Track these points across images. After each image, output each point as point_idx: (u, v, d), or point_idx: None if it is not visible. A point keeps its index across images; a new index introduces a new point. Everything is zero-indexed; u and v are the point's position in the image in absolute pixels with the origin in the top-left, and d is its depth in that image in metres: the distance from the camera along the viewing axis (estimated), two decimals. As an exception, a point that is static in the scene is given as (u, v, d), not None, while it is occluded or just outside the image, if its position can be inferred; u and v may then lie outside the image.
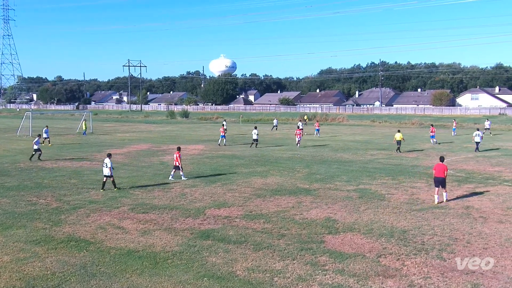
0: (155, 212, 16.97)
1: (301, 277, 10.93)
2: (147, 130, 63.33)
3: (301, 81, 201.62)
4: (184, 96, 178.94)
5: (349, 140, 46.56)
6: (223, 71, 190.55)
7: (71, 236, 14.13)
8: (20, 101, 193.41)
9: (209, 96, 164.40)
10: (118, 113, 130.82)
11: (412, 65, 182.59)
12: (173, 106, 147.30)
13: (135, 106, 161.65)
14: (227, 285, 10.46)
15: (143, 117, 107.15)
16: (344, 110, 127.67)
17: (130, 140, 46.75)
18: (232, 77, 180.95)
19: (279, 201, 18.73)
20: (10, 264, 11.82)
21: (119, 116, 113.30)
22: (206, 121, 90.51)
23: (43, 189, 21.24)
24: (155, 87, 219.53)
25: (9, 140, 47.96)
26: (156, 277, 10.93)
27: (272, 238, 13.87)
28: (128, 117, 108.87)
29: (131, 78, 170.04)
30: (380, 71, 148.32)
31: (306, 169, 27.13)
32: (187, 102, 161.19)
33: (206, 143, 43.17)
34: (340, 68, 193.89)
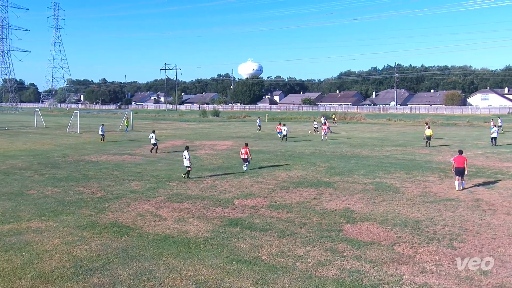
0: (188, 202, 17.10)
1: (321, 262, 10.89)
2: (182, 128, 63.80)
3: (322, 82, 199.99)
4: (215, 97, 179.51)
5: (366, 137, 46.04)
6: (251, 74, 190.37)
7: (114, 222, 14.35)
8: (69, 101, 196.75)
9: (238, 96, 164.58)
10: (156, 112, 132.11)
11: (425, 67, 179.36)
12: (205, 106, 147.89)
13: (171, 106, 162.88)
14: (253, 269, 10.49)
15: (178, 115, 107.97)
16: (362, 109, 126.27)
17: (166, 137, 47.17)
18: (259, 79, 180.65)
19: (301, 193, 18.66)
20: (60, 246, 12.08)
21: (157, 115, 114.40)
22: (235, 119, 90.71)
23: (89, 180, 21.61)
24: (189, 88, 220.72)
25: (60, 136, 48.92)
26: (189, 260, 11.02)
27: (295, 227, 13.84)
28: (164, 115, 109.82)
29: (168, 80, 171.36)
30: (396, 73, 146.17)
31: (326, 163, 26.96)
32: (218, 102, 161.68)
33: (235, 140, 43.24)
34: (358, 71, 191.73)
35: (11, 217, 14.95)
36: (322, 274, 10.21)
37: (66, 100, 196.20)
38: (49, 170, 24.59)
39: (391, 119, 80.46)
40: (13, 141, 42.25)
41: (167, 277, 10.01)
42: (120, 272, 10.29)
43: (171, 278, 9.98)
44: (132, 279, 9.94)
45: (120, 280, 9.86)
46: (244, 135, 49.04)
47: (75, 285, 9.62)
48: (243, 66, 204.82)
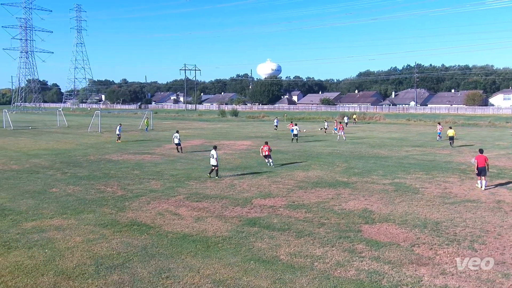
0: (207, 201, 17.18)
1: (340, 262, 10.83)
2: (201, 127, 64.11)
3: (341, 82, 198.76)
4: (233, 97, 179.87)
5: (385, 137, 45.61)
6: (269, 74, 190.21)
7: (134, 221, 14.49)
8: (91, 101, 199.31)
9: (256, 96, 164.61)
10: (175, 112, 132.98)
11: (446, 67, 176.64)
12: (224, 106, 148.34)
13: (190, 106, 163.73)
14: (271, 268, 10.49)
15: (197, 115, 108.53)
16: (381, 109, 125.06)
17: (185, 136, 47.45)
18: (278, 79, 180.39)
19: (320, 193, 18.58)
20: (82, 244, 12.25)
21: (176, 114, 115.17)
22: (254, 119, 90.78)
23: (110, 179, 21.87)
24: (208, 88, 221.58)
25: (81, 135, 49.62)
26: (208, 259, 11.07)
27: (313, 227, 13.79)
28: (184, 115, 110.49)
29: (187, 80, 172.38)
30: (416, 73, 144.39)
31: (344, 163, 26.79)
32: (237, 102, 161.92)
33: (253, 139, 43.27)
34: (378, 71, 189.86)
35: (34, 215, 15.22)
36: (340, 274, 10.16)
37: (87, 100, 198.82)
38: (71, 169, 24.96)
39: (410, 119, 79.53)
40: (37, 140, 43.02)
41: (186, 276, 10.07)
42: (139, 270, 10.39)
43: (190, 276, 10.04)
44: (152, 277, 10.02)
45: (139, 278, 9.96)
46: (263, 135, 49.03)
47: (95, 282, 9.75)
48: (262, 66, 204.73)
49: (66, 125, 67.29)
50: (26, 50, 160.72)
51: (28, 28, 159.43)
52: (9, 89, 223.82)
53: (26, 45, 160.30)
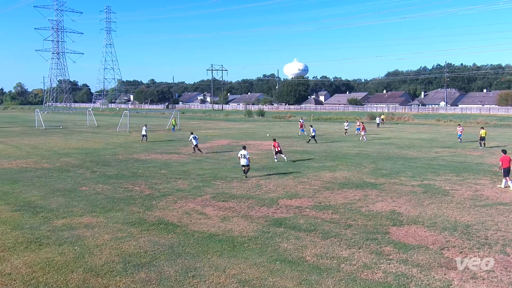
0: (233, 201, 17.24)
1: (366, 265, 10.70)
2: (227, 127, 64.39)
3: (369, 82, 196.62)
4: (260, 97, 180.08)
5: (414, 138, 44.89)
6: (296, 74, 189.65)
7: (161, 220, 14.66)
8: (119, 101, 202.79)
9: (283, 96, 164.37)
10: (202, 112, 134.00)
11: (477, 66, 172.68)
12: (250, 106, 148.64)
13: (217, 106, 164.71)
14: (297, 269, 10.45)
15: (223, 115, 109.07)
16: (410, 109, 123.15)
17: (212, 136, 47.76)
18: (304, 79, 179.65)
19: (347, 194, 18.42)
20: (110, 242, 12.46)
21: (203, 114, 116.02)
22: (280, 119, 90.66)
23: (138, 178, 22.18)
24: (235, 88, 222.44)
25: (110, 135, 50.50)
26: (233, 259, 11.11)
27: (340, 228, 13.68)
28: (210, 115, 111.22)
29: (214, 80, 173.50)
30: (446, 73, 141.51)
31: (372, 164, 26.49)
32: (263, 102, 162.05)
33: (280, 140, 43.13)
34: (407, 70, 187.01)
35: (65, 212, 15.56)
36: (367, 277, 10.04)
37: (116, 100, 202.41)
38: (100, 168, 25.43)
39: (440, 120, 78.06)
40: (67, 140, 44.00)
41: (212, 275, 10.13)
42: (166, 269, 10.50)
43: (216, 276, 10.09)
44: (178, 275, 10.12)
45: (166, 276, 10.07)
46: (289, 135, 48.90)
47: (123, 280, 9.90)
48: (289, 66, 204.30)
49: (96, 124, 68.60)
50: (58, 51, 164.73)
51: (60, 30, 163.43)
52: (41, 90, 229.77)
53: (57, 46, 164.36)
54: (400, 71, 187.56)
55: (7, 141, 42.72)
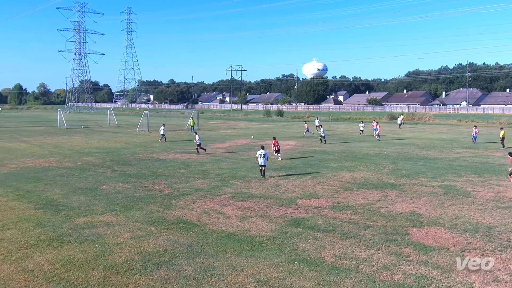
0: (252, 201, 17.26)
1: (386, 266, 10.61)
2: (246, 127, 64.47)
3: (389, 82, 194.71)
4: (279, 97, 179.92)
5: (434, 138, 44.29)
6: (315, 74, 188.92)
7: (180, 219, 14.76)
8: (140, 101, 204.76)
9: (302, 96, 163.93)
10: (221, 112, 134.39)
11: (500, 65, 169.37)
12: (269, 106, 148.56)
13: (235, 106, 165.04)
14: (315, 269, 10.41)
15: (242, 115, 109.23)
16: (431, 110, 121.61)
17: (231, 136, 47.89)
18: (323, 79, 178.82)
19: (366, 194, 18.29)
20: (130, 240, 12.60)
21: (222, 114, 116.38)
22: (299, 119, 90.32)
23: (158, 177, 22.37)
24: (254, 88, 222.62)
25: (130, 134, 51.05)
26: (252, 258, 11.13)
27: (359, 229, 13.58)
28: (229, 115, 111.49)
29: (233, 80, 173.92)
30: (468, 72, 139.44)
31: (392, 165, 26.23)
32: (282, 102, 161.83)
33: (299, 140, 43.10)
34: (427, 70, 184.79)
35: (86, 211, 15.79)
36: (386, 278, 9.95)
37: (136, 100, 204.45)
38: (120, 167, 25.73)
39: (462, 120, 76.76)
40: (88, 139, 44.62)
41: (230, 274, 10.16)
42: (185, 267, 10.57)
43: (234, 275, 10.12)
44: (197, 274, 10.18)
45: (185, 275, 10.13)
46: (308, 135, 48.73)
47: (143, 278, 10.00)
48: (308, 66, 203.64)
49: (116, 124, 69.39)
50: (79, 52, 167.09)
51: (82, 31, 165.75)
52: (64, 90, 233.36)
53: (79, 47, 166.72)
54: (420, 71, 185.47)
55: (31, 140, 43.54)
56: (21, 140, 43.84)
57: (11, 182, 21.10)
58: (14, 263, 10.87)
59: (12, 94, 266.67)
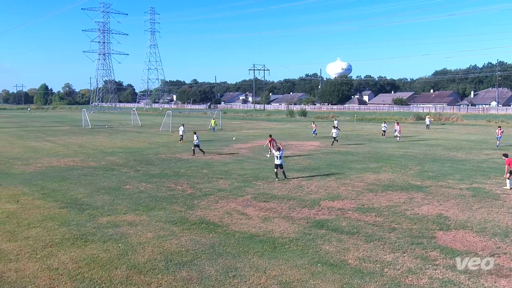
0: (274, 202, 17.24)
1: (411, 270, 10.46)
2: (269, 127, 64.46)
3: (415, 81, 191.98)
4: (302, 97, 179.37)
5: (462, 140, 43.50)
6: (339, 73, 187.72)
7: (202, 219, 14.84)
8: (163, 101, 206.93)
9: (326, 96, 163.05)
10: (244, 112, 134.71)
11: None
12: (292, 106, 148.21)
13: (258, 106, 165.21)
14: (339, 272, 10.34)
15: (265, 115, 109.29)
16: (458, 110, 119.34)
17: (254, 136, 47.96)
18: (348, 79, 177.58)
19: (391, 196, 18.08)
20: (153, 240, 12.73)
21: (245, 114, 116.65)
22: (323, 119, 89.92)
23: (180, 178, 22.56)
24: (277, 88, 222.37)
25: (153, 134, 51.62)
26: (274, 260, 11.11)
27: (383, 231, 13.44)
28: (252, 115, 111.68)
29: (256, 80, 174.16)
30: (498, 71, 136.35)
31: (418, 166, 25.87)
32: (305, 102, 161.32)
33: (322, 140, 42.88)
34: (455, 69, 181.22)
35: (109, 210, 16.03)
36: (411, 282, 9.81)
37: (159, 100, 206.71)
38: (143, 167, 26.04)
39: (491, 120, 75.23)
40: (112, 139, 45.30)
41: (252, 276, 10.17)
42: (207, 268, 10.62)
43: (256, 276, 10.13)
44: (219, 275, 10.22)
45: (207, 276, 10.19)
46: (332, 135, 48.39)
47: (165, 278, 10.09)
48: (332, 65, 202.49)
49: (140, 124, 70.27)
50: (104, 52, 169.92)
51: (106, 31, 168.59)
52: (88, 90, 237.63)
53: (103, 47, 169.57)
54: (448, 70, 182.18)
55: (56, 140, 44.44)
56: (46, 139, 44.80)
57: (37, 181, 21.58)
58: (40, 261, 11.11)
59: (38, 94, 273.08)
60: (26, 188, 19.95)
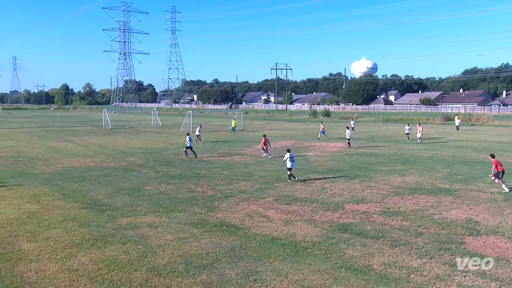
0: (297, 204, 17.19)
1: (439, 276, 10.29)
2: (291, 128, 64.32)
3: (444, 81, 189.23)
4: (326, 96, 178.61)
5: (494, 141, 42.63)
6: (364, 72, 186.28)
7: (223, 221, 14.89)
8: (183, 101, 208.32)
9: (350, 96, 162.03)
10: (266, 112, 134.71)
11: None
12: (315, 106, 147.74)
13: (280, 106, 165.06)
14: (363, 278, 10.24)
15: (287, 116, 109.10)
16: (489, 110, 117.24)
17: (276, 137, 47.90)
18: (373, 78, 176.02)
19: (418, 200, 17.83)
20: (172, 242, 12.83)
21: (267, 115, 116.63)
22: (347, 120, 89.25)
23: (201, 179, 22.67)
24: (299, 88, 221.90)
25: (174, 135, 52.02)
26: (296, 264, 11.08)
27: (410, 236, 13.26)
28: (274, 115, 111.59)
29: (278, 80, 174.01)
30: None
31: (446, 169, 25.46)
32: (329, 102, 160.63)
33: (346, 141, 42.52)
34: (486, 68, 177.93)
35: (129, 211, 16.22)
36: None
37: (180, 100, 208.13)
38: (163, 168, 26.26)
39: (525, 121, 73.59)
40: (132, 139, 45.83)
41: (274, 280, 10.15)
42: (228, 271, 10.65)
43: (278, 281, 10.10)
44: (239, 279, 10.23)
45: (227, 279, 10.21)
46: (356, 136, 48.09)
47: (185, 281, 10.15)
48: (356, 64, 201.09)
49: (160, 124, 70.92)
50: (124, 51, 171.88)
51: (126, 31, 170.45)
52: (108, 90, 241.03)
53: (124, 47, 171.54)
54: (479, 69, 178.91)
55: (76, 140, 45.19)
56: (67, 140, 45.60)
57: (57, 182, 21.97)
58: (60, 262, 11.31)
59: (59, 94, 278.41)
60: (46, 189, 20.34)
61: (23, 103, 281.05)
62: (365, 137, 47.38)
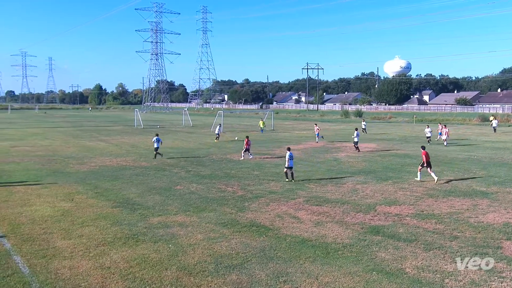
0: (327, 205, 17.08)
1: (475, 281, 10.05)
2: (323, 129, 63.73)
3: (480, 80, 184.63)
4: (358, 96, 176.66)
5: (534, 143, 41.32)
6: (398, 72, 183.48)
7: (253, 222, 14.92)
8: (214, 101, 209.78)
9: (383, 96, 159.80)
10: (297, 112, 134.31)
11: None
12: (347, 106, 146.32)
13: (312, 106, 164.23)
14: (395, 281, 10.09)
15: (319, 116, 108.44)
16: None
17: (306, 138, 47.71)
18: (407, 78, 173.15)
19: (453, 202, 17.46)
20: (203, 241, 12.93)
21: (297, 115, 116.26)
22: (379, 120, 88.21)
23: (231, 179, 22.79)
24: (331, 88, 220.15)
25: (205, 135, 52.43)
26: (327, 266, 11.00)
27: (444, 239, 12.99)
28: (305, 116, 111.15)
29: (309, 80, 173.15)
30: None
31: (483, 171, 24.83)
32: (361, 102, 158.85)
33: (378, 142, 42.04)
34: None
35: (160, 211, 16.44)
36: (475, 295, 9.43)
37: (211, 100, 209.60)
38: (194, 168, 26.51)
39: None
40: (164, 139, 46.28)
41: (304, 281, 10.11)
42: (257, 272, 10.66)
43: (308, 283, 10.06)
44: (269, 280, 10.23)
45: (257, 280, 10.23)
46: (389, 137, 47.45)
47: (215, 280, 10.22)
48: (389, 63, 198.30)
49: (191, 124, 71.59)
50: (156, 52, 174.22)
51: (159, 31, 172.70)
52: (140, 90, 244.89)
53: (156, 47, 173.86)
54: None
55: (109, 139, 46.10)
56: (100, 139, 46.56)
57: (91, 180, 22.46)
58: (92, 259, 11.56)
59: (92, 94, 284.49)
60: (80, 187, 20.81)
61: (58, 103, 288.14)
62: (398, 138, 46.67)
